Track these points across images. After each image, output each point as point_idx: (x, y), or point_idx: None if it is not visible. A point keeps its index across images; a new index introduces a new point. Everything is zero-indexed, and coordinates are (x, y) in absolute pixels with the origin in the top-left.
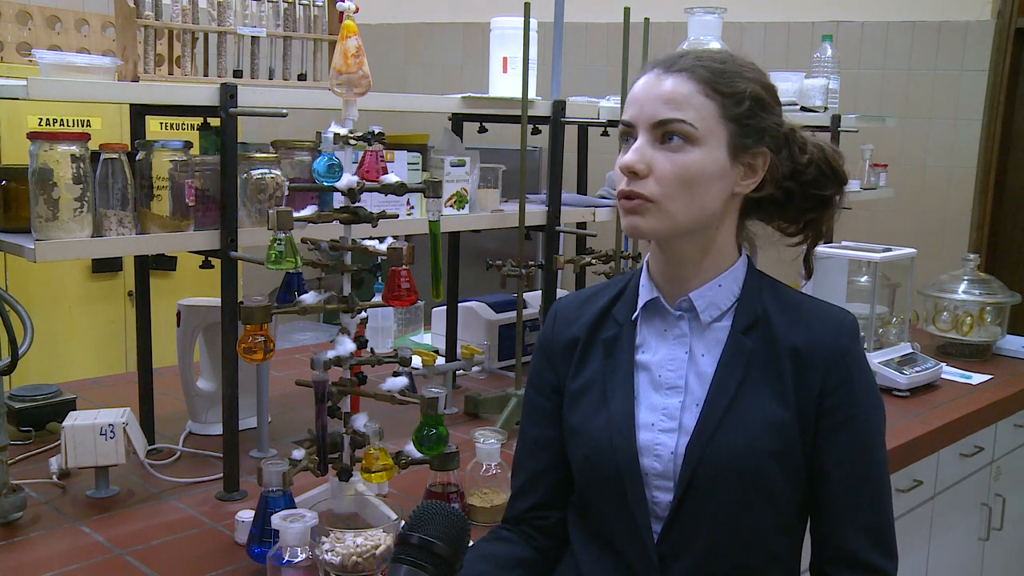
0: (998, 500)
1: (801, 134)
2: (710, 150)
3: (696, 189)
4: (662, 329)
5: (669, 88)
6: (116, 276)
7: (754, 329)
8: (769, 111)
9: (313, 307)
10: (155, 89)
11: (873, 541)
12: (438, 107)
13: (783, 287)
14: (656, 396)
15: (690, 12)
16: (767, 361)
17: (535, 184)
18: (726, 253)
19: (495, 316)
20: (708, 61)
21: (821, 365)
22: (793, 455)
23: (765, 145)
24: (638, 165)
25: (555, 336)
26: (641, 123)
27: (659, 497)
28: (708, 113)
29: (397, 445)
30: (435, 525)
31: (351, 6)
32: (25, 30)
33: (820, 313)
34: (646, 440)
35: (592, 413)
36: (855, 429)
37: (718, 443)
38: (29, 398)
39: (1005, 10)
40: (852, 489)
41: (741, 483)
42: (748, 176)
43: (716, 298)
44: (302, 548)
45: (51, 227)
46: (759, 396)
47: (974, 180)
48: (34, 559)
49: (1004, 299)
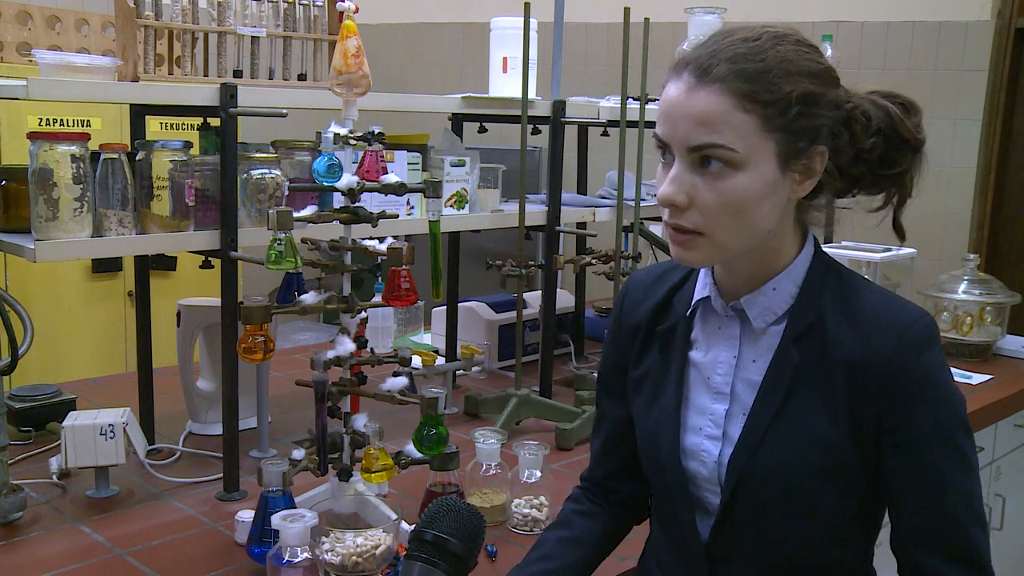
0: (998, 500)
1: (863, 107)
2: (756, 169)
3: (746, 214)
4: (716, 327)
5: (701, 107)
6: (116, 276)
7: (806, 338)
8: (823, 104)
9: (313, 307)
10: (155, 89)
11: (946, 554)
12: (438, 107)
13: (853, 283)
14: (705, 398)
15: (690, 12)
16: (818, 373)
17: (535, 184)
18: (785, 251)
19: (495, 316)
20: (744, 62)
21: (876, 381)
22: (846, 472)
23: (821, 142)
24: (678, 197)
25: (623, 316)
26: (675, 145)
27: (709, 499)
28: (749, 130)
29: (397, 445)
30: (449, 522)
31: (351, 6)
32: (25, 30)
33: (885, 319)
34: (692, 444)
35: (646, 407)
36: (923, 447)
37: (760, 457)
38: (29, 398)
39: (1005, 10)
40: (923, 506)
41: (784, 497)
42: (804, 180)
43: (770, 303)
44: (302, 548)
45: (51, 227)
46: (808, 410)
47: (974, 180)
48: (34, 559)
49: (1004, 299)
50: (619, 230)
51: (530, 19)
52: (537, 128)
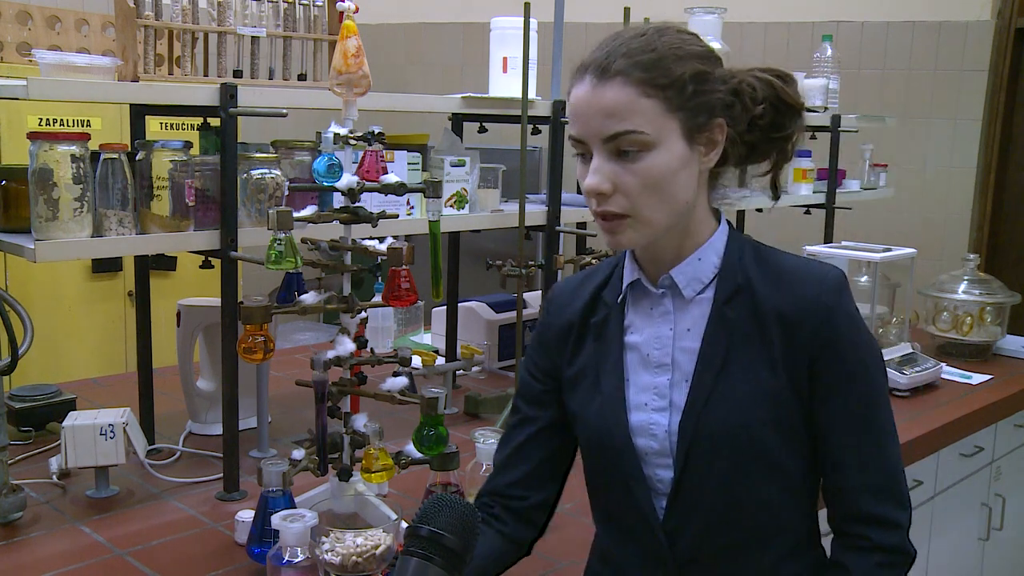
0: (998, 500)
1: (748, 80)
2: (667, 147)
3: (665, 189)
4: (648, 308)
5: (608, 100)
6: (116, 276)
7: (736, 298)
8: (713, 82)
9: (313, 307)
10: (155, 89)
11: (882, 495)
12: (438, 107)
13: (767, 249)
14: (646, 376)
15: (690, 12)
16: (753, 329)
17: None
18: (704, 225)
19: (495, 316)
20: (638, 55)
21: (808, 327)
22: (790, 421)
23: (718, 115)
24: (603, 186)
25: (550, 321)
26: (591, 140)
27: (661, 474)
28: (654, 113)
29: (397, 445)
30: (445, 517)
31: (351, 6)
32: (25, 30)
33: (803, 273)
34: (639, 420)
35: (587, 398)
36: (850, 389)
37: (709, 417)
38: (29, 398)
39: (1005, 10)
40: (854, 449)
41: (737, 454)
42: (709, 151)
43: (697, 272)
44: (302, 548)
45: (51, 227)
46: (747, 366)
47: (974, 180)
48: (34, 559)
49: (1004, 299)
50: None
51: (530, 19)
52: (537, 128)
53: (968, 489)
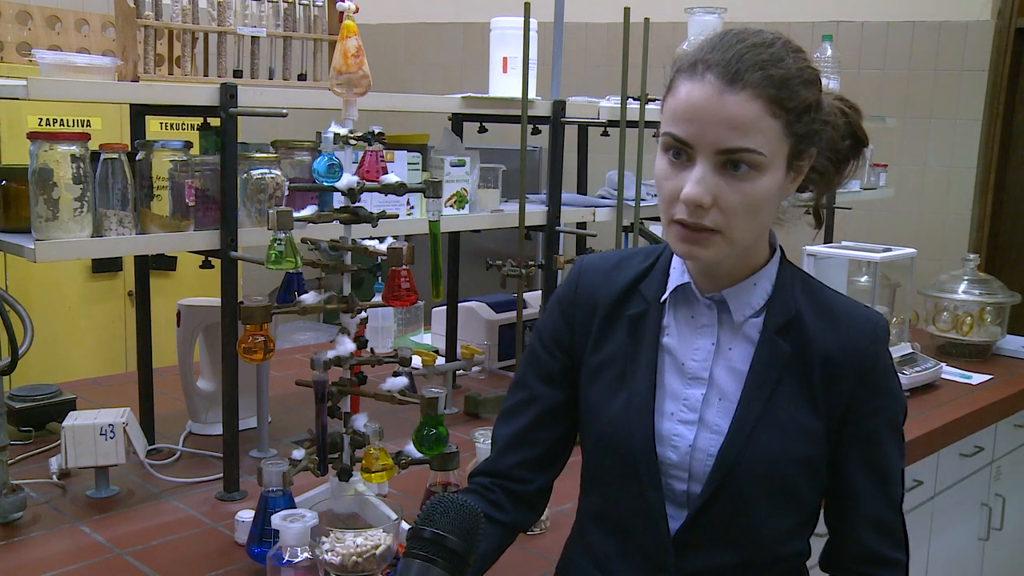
0: (998, 500)
1: (835, 110)
2: (774, 171)
3: (761, 213)
4: (689, 315)
5: (737, 111)
6: (116, 276)
7: (788, 331)
8: (823, 112)
9: (313, 307)
10: (155, 89)
11: (888, 536)
12: (438, 107)
13: (815, 283)
14: (679, 384)
15: (690, 12)
16: (799, 364)
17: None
18: (762, 250)
19: (495, 316)
20: (772, 67)
21: (852, 374)
22: (819, 460)
23: (815, 145)
24: (705, 198)
25: (577, 297)
26: (702, 147)
27: (674, 485)
28: (774, 135)
29: (397, 445)
30: (448, 519)
31: (351, 6)
32: (25, 30)
33: (853, 317)
34: (665, 429)
35: (611, 392)
36: (881, 438)
37: (753, 446)
38: (29, 398)
39: (1005, 10)
40: (873, 491)
41: (768, 484)
42: (796, 179)
43: (751, 297)
44: (302, 548)
45: (51, 227)
46: (792, 401)
47: (974, 180)
48: (34, 559)
49: (1004, 299)
50: (619, 230)
51: (530, 19)
52: (537, 128)
53: (968, 489)
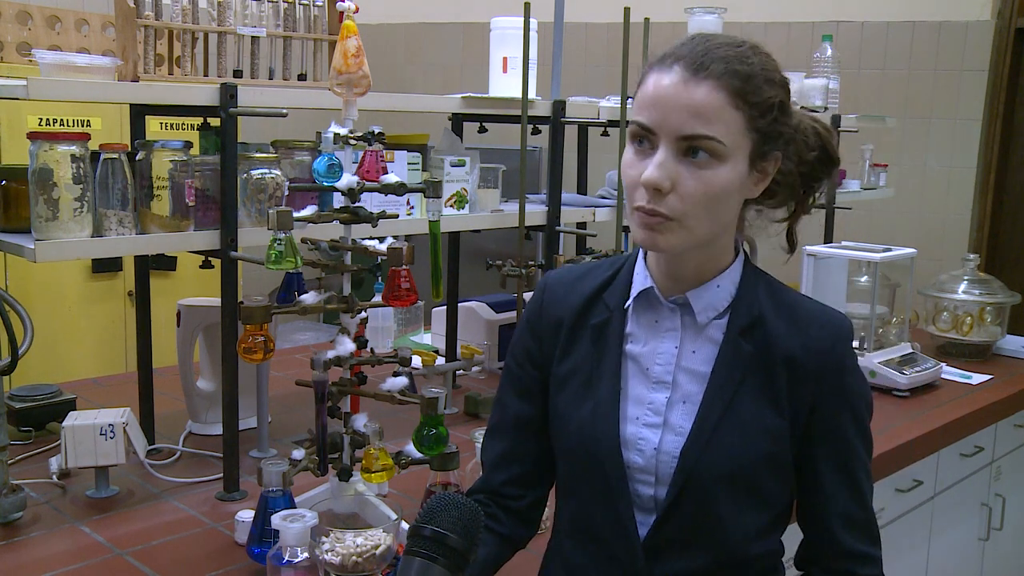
0: (998, 500)
1: (807, 125)
2: (735, 164)
3: (718, 205)
4: (653, 320)
5: (700, 99)
6: (116, 276)
7: (751, 332)
8: (789, 115)
9: (313, 307)
10: (155, 89)
11: (862, 533)
12: (438, 107)
13: (779, 285)
14: (643, 389)
15: (690, 12)
16: (762, 365)
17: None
18: (725, 252)
19: (495, 316)
20: (736, 63)
21: (815, 374)
22: (784, 459)
23: (779, 148)
24: (664, 183)
25: (543, 311)
26: (665, 133)
27: (641, 490)
28: (736, 127)
29: (397, 445)
30: (448, 517)
31: (351, 6)
32: (25, 30)
33: (816, 318)
34: (630, 433)
35: (577, 400)
36: (845, 434)
37: (716, 445)
38: (29, 398)
39: (1005, 10)
40: (843, 489)
41: (734, 484)
42: (760, 181)
43: (714, 299)
44: (302, 548)
45: (51, 227)
46: (755, 400)
47: (974, 180)
48: (34, 559)
49: (1004, 299)
50: (619, 230)
51: (530, 19)
52: (537, 128)
53: (968, 489)
